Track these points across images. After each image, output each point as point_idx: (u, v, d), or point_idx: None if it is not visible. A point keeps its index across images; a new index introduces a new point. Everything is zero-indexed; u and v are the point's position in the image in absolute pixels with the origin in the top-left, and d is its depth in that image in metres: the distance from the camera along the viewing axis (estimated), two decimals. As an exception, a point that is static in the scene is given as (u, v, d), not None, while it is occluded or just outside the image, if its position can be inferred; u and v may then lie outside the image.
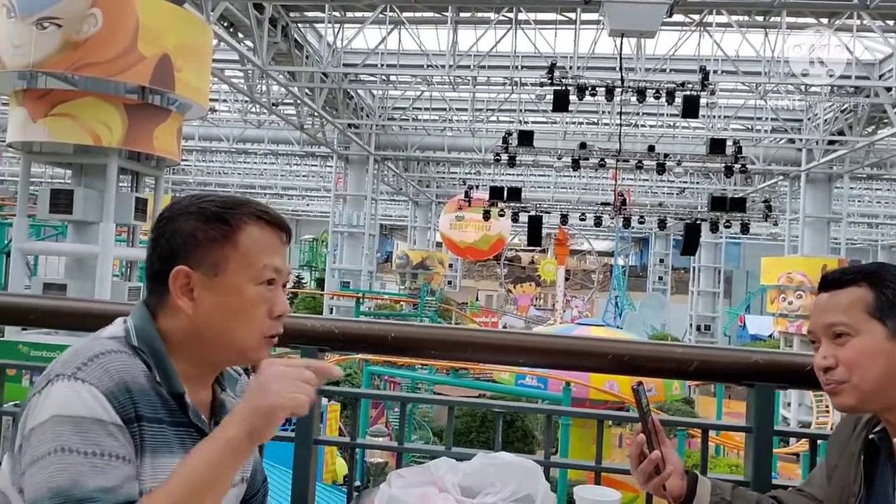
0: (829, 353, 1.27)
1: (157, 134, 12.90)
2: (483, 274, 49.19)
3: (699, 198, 29.47)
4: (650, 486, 1.35)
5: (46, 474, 0.91)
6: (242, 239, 1.07)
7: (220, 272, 1.06)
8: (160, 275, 1.07)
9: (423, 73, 18.59)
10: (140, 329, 1.06)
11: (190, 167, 33.86)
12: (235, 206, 1.10)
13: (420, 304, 24.36)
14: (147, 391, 1.02)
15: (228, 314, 1.07)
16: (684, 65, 17.45)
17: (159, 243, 1.08)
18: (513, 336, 1.78)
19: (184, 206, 1.10)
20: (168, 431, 1.04)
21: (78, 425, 0.94)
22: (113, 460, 0.94)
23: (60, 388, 0.96)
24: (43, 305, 1.87)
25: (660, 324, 33.39)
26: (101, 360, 0.99)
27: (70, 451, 0.92)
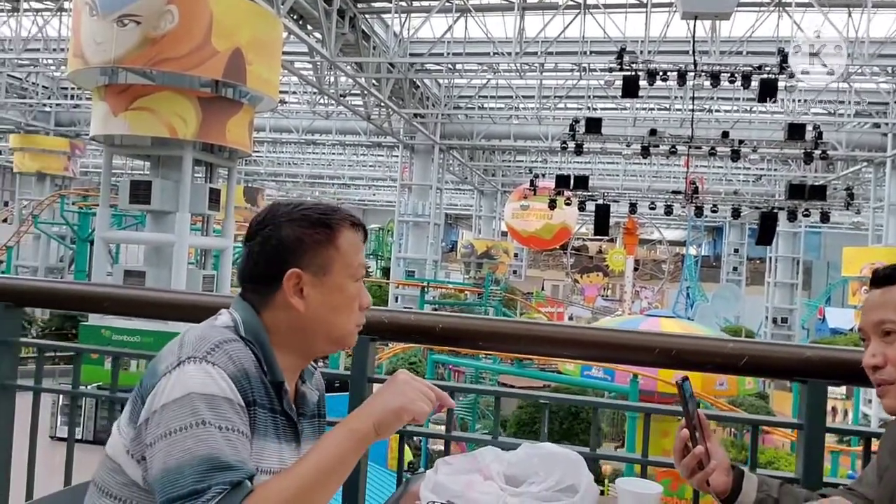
0: (877, 351, 1.25)
1: (230, 126, 13.29)
2: (549, 263, 48.79)
3: (777, 185, 28.40)
4: (694, 481, 1.34)
5: (188, 444, 1.00)
6: (342, 242, 1.19)
7: (328, 272, 1.18)
8: (266, 276, 1.17)
9: (490, 61, 18.52)
10: (247, 322, 1.16)
11: (261, 158, 34.77)
12: (334, 212, 1.21)
13: (484, 293, 24.37)
14: (257, 379, 1.12)
15: (333, 309, 1.19)
16: (762, 47, 16.79)
17: (265, 248, 1.17)
18: (558, 329, 1.78)
19: (286, 212, 1.19)
20: (268, 418, 1.14)
21: (212, 402, 1.03)
22: (241, 436, 1.04)
23: (194, 369, 1.05)
24: (116, 294, 1.98)
25: (734, 316, 32.38)
26: (225, 347, 1.09)
27: (208, 425, 1.01)
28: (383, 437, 1.11)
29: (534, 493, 1.42)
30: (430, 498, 1.37)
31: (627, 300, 28.44)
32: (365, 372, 1.79)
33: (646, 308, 30.29)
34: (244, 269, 1.21)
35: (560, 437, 14.77)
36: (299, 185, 41.40)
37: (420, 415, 1.10)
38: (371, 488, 1.96)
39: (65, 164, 29.87)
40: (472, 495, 1.38)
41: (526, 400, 14.65)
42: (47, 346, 2.21)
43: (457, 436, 1.84)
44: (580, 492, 1.41)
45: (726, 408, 14.22)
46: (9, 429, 2.00)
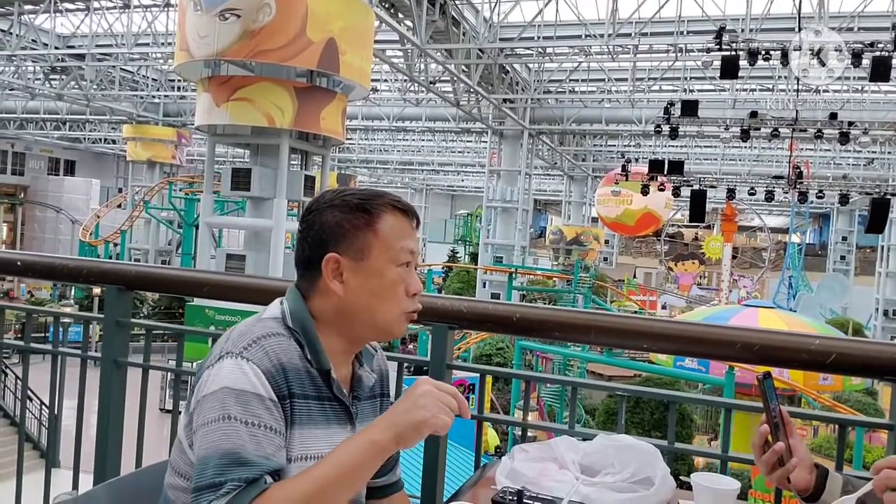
0: None
1: (324, 115, 13.66)
2: (642, 251, 47.58)
3: (890, 169, 26.56)
4: (773, 478, 1.31)
5: (216, 437, 1.06)
6: (382, 226, 1.19)
7: (366, 257, 1.18)
8: (311, 261, 1.20)
9: (581, 44, 18.16)
10: (294, 311, 1.19)
11: (354, 146, 35.52)
12: (374, 197, 1.22)
13: (573, 280, 24.07)
14: (299, 370, 1.15)
15: (373, 294, 1.19)
16: (875, 22, 15.69)
17: (309, 234, 1.20)
18: (635, 321, 1.76)
19: (328, 199, 1.22)
20: (313, 406, 1.17)
21: (241, 397, 1.08)
22: (268, 432, 1.08)
23: (229, 364, 1.10)
24: (214, 280, 2.13)
25: (840, 307, 30.60)
26: (262, 343, 1.13)
27: (234, 420, 1.06)
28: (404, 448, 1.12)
29: (608, 483, 1.43)
30: (506, 483, 1.40)
31: (724, 289, 27.39)
32: (444, 359, 1.84)
33: (744, 298, 29.08)
34: (295, 256, 1.25)
35: (651, 428, 14.46)
36: (390, 171, 42.05)
37: (442, 428, 1.08)
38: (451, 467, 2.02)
39: (172, 153, 31.58)
40: (547, 483, 1.41)
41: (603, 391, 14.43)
42: (154, 326, 2.40)
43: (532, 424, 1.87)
44: (655, 484, 1.41)
45: (830, 403, 13.52)
46: (121, 402, 2.19)
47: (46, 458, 2.70)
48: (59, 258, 2.41)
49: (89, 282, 2.30)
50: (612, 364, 16.23)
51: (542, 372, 17.68)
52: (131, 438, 2.20)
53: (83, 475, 2.26)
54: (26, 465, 2.51)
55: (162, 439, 2.13)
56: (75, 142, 38.90)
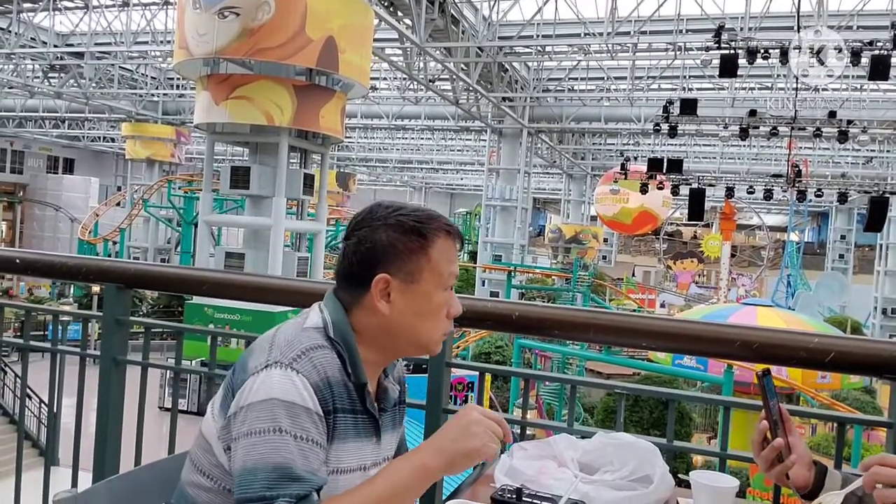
0: None
1: (323, 113, 13.65)
2: (641, 249, 47.60)
3: (889, 168, 26.59)
4: (772, 474, 1.31)
5: (264, 449, 1.05)
6: (434, 251, 1.18)
7: (416, 280, 1.17)
8: (358, 278, 1.18)
9: (580, 42, 18.16)
10: (336, 323, 1.18)
11: (353, 144, 35.50)
12: (429, 221, 1.20)
13: (572, 278, 24.08)
14: (340, 384, 1.14)
15: (419, 316, 1.19)
16: (874, 21, 15.70)
17: (359, 249, 1.18)
18: (635, 319, 1.76)
19: (382, 215, 1.19)
20: (349, 419, 1.16)
21: (291, 410, 1.06)
22: (315, 446, 1.07)
23: (279, 374, 1.09)
24: (213, 278, 2.13)
25: (838, 306, 30.63)
26: (311, 355, 1.12)
27: (285, 433, 1.05)
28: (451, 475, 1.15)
29: (607, 481, 1.43)
30: (504, 481, 1.40)
31: (723, 287, 27.43)
32: (443, 357, 1.84)
33: (743, 296, 29.11)
34: (339, 267, 1.23)
35: (650, 426, 14.47)
36: (389, 169, 42.04)
37: (492, 457, 1.10)
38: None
39: (171, 151, 31.56)
40: (546, 481, 1.41)
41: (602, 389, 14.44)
42: (153, 324, 2.40)
43: (532, 422, 1.87)
44: (654, 482, 1.41)
45: (828, 402, 13.53)
46: (121, 400, 2.19)
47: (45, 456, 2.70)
48: (58, 256, 2.41)
49: (88, 280, 2.30)
50: (611, 362, 16.25)
51: (541, 370, 17.69)
52: (130, 436, 2.21)
53: (82, 473, 2.26)
54: (25, 462, 2.52)
55: (161, 437, 2.13)
56: (74, 140, 38.88)
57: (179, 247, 29.60)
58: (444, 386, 1.84)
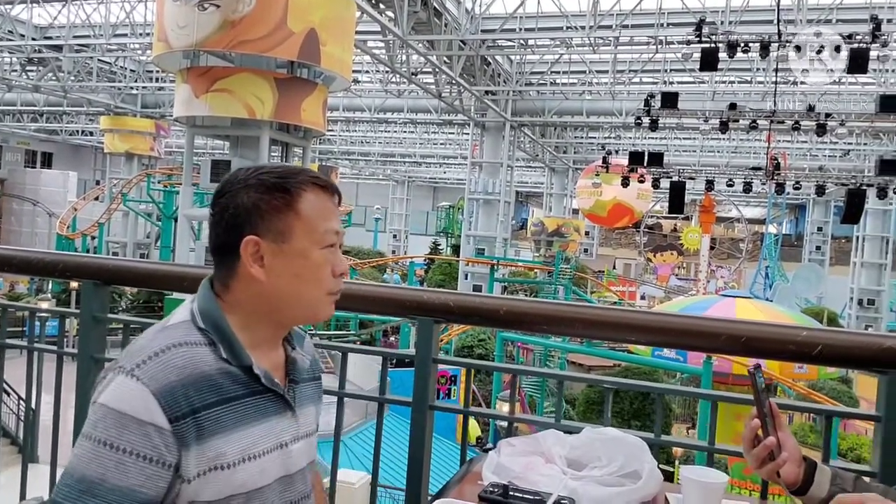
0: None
1: (305, 106, 13.55)
2: (621, 242, 47.90)
3: (866, 161, 26.91)
4: (763, 472, 1.31)
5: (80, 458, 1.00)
6: (303, 206, 1.12)
7: (287, 239, 1.11)
8: (227, 246, 1.11)
9: (563, 36, 18.18)
10: (204, 310, 1.11)
11: (335, 137, 35.32)
12: (292, 175, 1.13)
13: (554, 271, 24.17)
14: (210, 377, 1.06)
15: (298, 278, 1.12)
16: (853, 14, 15.86)
17: (224, 217, 1.12)
18: (622, 313, 1.76)
19: (241, 178, 1.13)
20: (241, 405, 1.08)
21: (118, 420, 0.99)
22: (139, 461, 0.99)
23: (117, 381, 1.02)
24: (194, 274, 2.09)
25: (815, 297, 31.04)
26: (160, 359, 1.03)
27: (105, 445, 0.99)
28: None
29: (595, 477, 1.42)
30: (492, 479, 1.39)
31: (702, 280, 27.63)
32: (430, 353, 1.82)
33: (721, 288, 29.39)
34: (209, 241, 1.16)
35: (631, 417, 14.58)
36: (371, 163, 41.91)
37: None
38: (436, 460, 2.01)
39: (151, 145, 31.18)
40: (533, 477, 1.40)
41: (593, 384, 14.51)
42: (132, 322, 2.35)
43: (519, 418, 1.86)
44: (643, 477, 1.41)
45: (805, 392, 13.72)
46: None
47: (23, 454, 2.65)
48: (34, 252, 2.35)
49: (65, 276, 2.25)
50: (592, 354, 16.35)
51: (523, 363, 17.76)
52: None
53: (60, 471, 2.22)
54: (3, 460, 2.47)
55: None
56: (52, 134, 38.31)
57: (159, 241, 29.31)
58: (431, 382, 1.83)
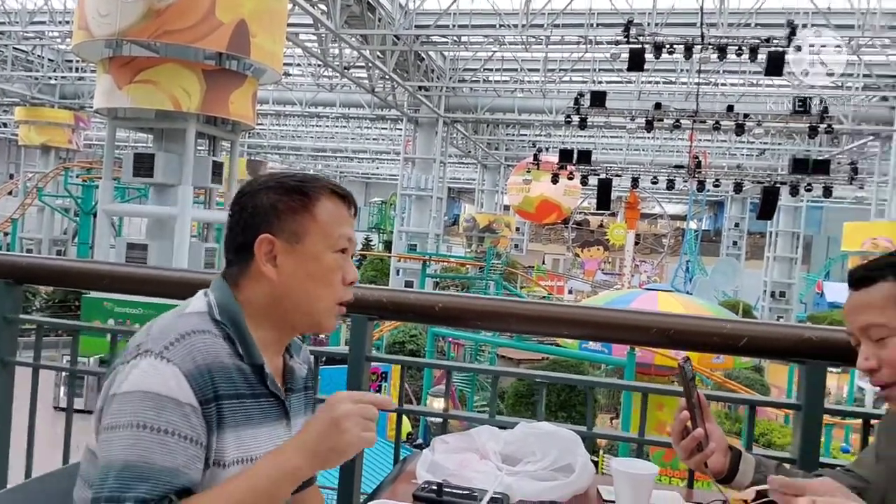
0: (870, 355, 1.22)
1: (233, 99, 13.22)
2: (550, 238, 48.76)
3: (780, 160, 28.23)
4: (692, 463, 1.34)
5: (121, 446, 0.98)
6: (319, 210, 1.15)
7: (301, 240, 1.13)
8: (243, 245, 1.13)
9: (495, 34, 18.33)
10: (222, 303, 1.12)
11: (264, 131, 34.61)
12: (311, 180, 1.17)
13: (486, 267, 24.39)
14: (228, 369, 1.07)
15: (308, 279, 1.14)
16: (770, 19, 16.57)
17: (242, 216, 1.15)
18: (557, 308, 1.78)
19: (263, 181, 1.17)
20: (248, 404, 1.09)
21: (157, 401, 0.99)
22: (181, 441, 1.00)
23: (148, 363, 1.01)
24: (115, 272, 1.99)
25: (732, 290, 32.37)
26: (186, 341, 1.04)
27: (145, 428, 0.98)
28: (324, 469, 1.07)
29: (530, 472, 1.43)
30: (427, 477, 1.38)
31: (627, 274, 28.43)
32: (363, 350, 1.79)
33: (645, 282, 30.31)
34: (225, 241, 1.19)
35: (557, 409, 14.85)
36: (303, 158, 41.26)
37: (367, 445, 1.04)
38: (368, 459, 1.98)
39: (69, 137, 29.78)
40: (468, 474, 1.39)
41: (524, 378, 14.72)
42: (46, 322, 2.22)
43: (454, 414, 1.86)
44: (576, 471, 1.42)
45: (721, 381, 14.29)
46: (8, 405, 2.02)
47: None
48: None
49: (-27, 275, 2.11)
50: (521, 348, 16.53)
51: (454, 358, 17.84)
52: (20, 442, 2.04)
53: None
54: None
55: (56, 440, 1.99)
56: (-40, 124, 36.11)
57: (77, 238, 28.05)
58: (365, 380, 1.80)
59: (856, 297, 1.25)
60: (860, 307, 1.23)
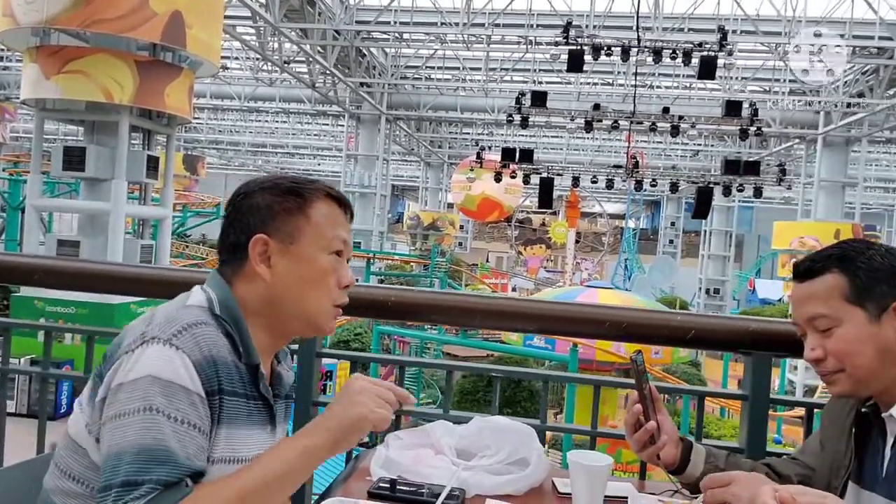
0: (816, 345, 1.26)
1: (169, 91, 12.86)
2: (494, 236, 49.17)
3: (713, 161, 29.17)
4: (645, 455, 1.36)
5: (134, 430, 0.96)
6: (314, 212, 1.16)
7: (296, 241, 1.14)
8: (238, 245, 1.14)
9: (437, 31, 18.32)
10: (223, 299, 1.11)
11: (201, 125, 33.77)
12: (308, 183, 1.19)
13: (430, 265, 24.41)
14: (229, 364, 1.07)
15: (302, 281, 1.14)
16: (703, 24, 17.09)
17: (237, 216, 1.15)
18: (512, 303, 1.79)
19: (259, 182, 1.18)
20: (241, 403, 1.09)
21: (167, 388, 0.98)
22: (192, 430, 0.99)
23: (156, 350, 1.00)
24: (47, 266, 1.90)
25: (668, 287, 33.32)
26: (194, 331, 1.04)
27: (157, 412, 0.97)
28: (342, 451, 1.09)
29: (485, 466, 1.43)
30: (381, 474, 1.36)
31: (568, 272, 28.91)
32: (314, 347, 1.77)
33: (586, 279, 30.88)
34: (219, 241, 1.19)
35: (503, 405, 15.00)
36: (241, 153, 40.40)
37: (382, 423, 1.06)
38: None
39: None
40: (424, 470, 1.39)
41: (478, 374, 14.83)
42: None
43: (408, 410, 1.84)
44: (531, 464, 1.43)
45: (661, 375, 14.69)
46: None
47: None
48: None
49: None
50: (467, 345, 16.64)
51: (399, 355, 17.81)
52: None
53: None
54: None
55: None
56: None
57: (4, 234, 26.80)
58: (315, 377, 1.77)
59: (801, 289, 1.28)
60: (805, 298, 1.27)
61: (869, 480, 1.22)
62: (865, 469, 1.25)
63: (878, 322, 1.20)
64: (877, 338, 1.20)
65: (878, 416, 1.24)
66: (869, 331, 1.20)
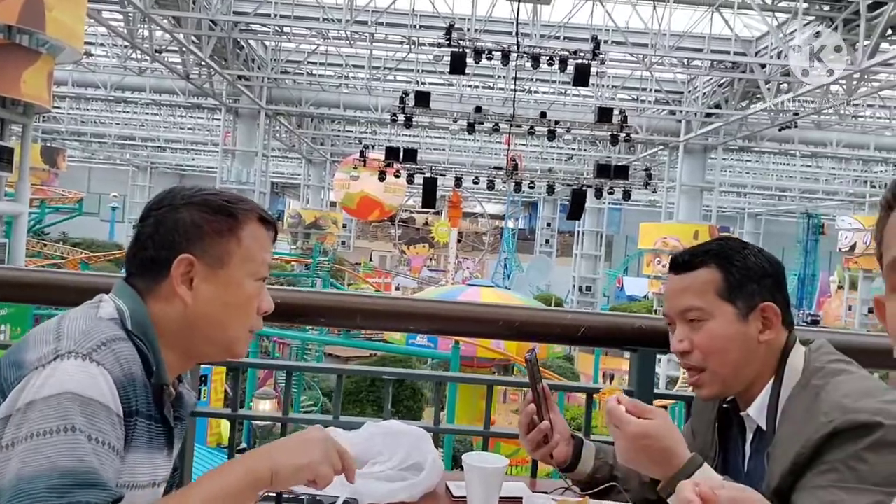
0: (684, 337, 1.29)
1: (26, 77, 11.91)
2: (377, 235, 49.00)
3: (586, 164, 30.50)
4: (538, 455, 1.37)
5: (51, 453, 0.87)
6: (245, 235, 1.10)
7: (224, 265, 1.07)
8: (156, 261, 1.06)
9: (319, 27, 17.99)
10: (135, 314, 1.04)
11: (62, 115, 31.40)
12: (240, 202, 1.12)
13: (312, 264, 23.97)
14: (142, 383, 1.01)
15: (226, 307, 1.08)
16: (577, 33, 17.81)
17: (158, 230, 1.06)
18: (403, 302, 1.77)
19: (185, 195, 1.09)
20: (145, 426, 1.03)
21: (87, 407, 0.91)
22: (110, 451, 0.93)
23: (74, 366, 0.93)
24: None
25: (545, 285, 34.56)
26: (113, 347, 0.97)
27: (78, 432, 0.89)
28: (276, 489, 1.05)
29: (377, 472, 1.40)
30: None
31: (451, 271, 29.33)
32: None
33: (468, 278, 31.42)
34: (130, 252, 1.09)
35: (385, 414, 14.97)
36: (107, 146, 37.91)
37: (322, 479, 1.02)
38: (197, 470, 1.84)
39: None
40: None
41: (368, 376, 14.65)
42: None
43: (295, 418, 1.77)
44: (426, 469, 1.41)
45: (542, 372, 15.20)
46: None
47: None
48: None
49: None
50: (350, 345, 16.50)
51: (279, 358, 17.36)
52: None
53: None
54: None
55: None
56: None
57: None
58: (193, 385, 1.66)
59: (677, 281, 1.31)
60: (681, 291, 1.30)
61: (733, 474, 1.26)
62: (730, 463, 1.31)
63: (746, 321, 1.25)
64: (743, 336, 1.25)
65: (737, 414, 1.30)
66: (737, 328, 1.25)
